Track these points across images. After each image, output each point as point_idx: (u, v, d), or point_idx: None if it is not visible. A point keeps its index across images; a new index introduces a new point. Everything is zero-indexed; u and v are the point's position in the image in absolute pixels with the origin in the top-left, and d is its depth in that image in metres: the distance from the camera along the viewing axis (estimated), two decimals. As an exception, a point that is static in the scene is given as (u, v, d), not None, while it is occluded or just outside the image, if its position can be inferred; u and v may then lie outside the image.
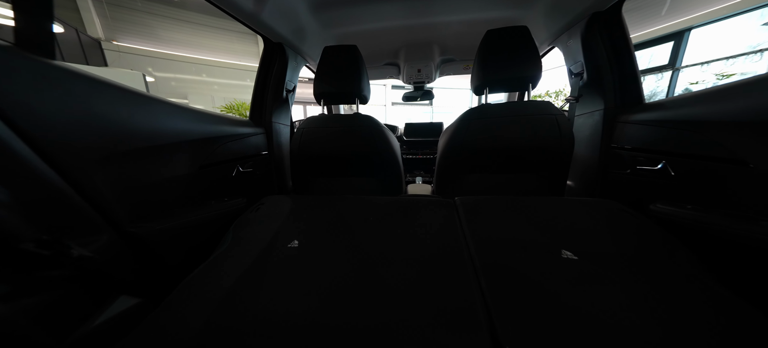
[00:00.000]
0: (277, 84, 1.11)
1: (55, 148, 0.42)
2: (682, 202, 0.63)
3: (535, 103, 0.86)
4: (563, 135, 0.79)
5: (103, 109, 0.49)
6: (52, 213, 0.42)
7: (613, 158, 0.87)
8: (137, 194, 0.56)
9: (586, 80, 0.98)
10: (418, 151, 1.95)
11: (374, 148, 0.93)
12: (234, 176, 0.86)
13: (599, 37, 0.91)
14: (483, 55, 0.86)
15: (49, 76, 0.43)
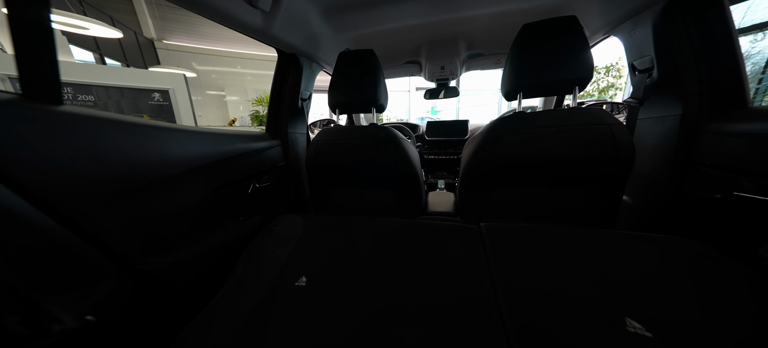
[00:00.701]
0: (292, 95, 1.10)
1: (59, 197, 0.42)
2: None
3: (584, 110, 0.70)
4: (620, 149, 0.64)
5: (111, 148, 0.48)
6: (57, 267, 0.42)
7: (696, 177, 0.69)
8: (149, 228, 0.55)
9: (657, 78, 0.78)
10: (441, 151, 1.83)
11: (391, 162, 0.87)
12: (250, 193, 0.86)
13: (682, 24, 0.70)
14: (518, 53, 0.72)
15: (55, 124, 0.42)
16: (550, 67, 0.69)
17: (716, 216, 0.64)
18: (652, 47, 0.78)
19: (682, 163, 0.72)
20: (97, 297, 0.46)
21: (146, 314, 0.55)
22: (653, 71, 0.79)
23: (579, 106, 0.75)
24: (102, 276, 0.47)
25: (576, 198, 0.75)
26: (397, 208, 0.97)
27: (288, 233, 0.69)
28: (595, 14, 0.91)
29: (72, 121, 0.44)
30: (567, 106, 0.78)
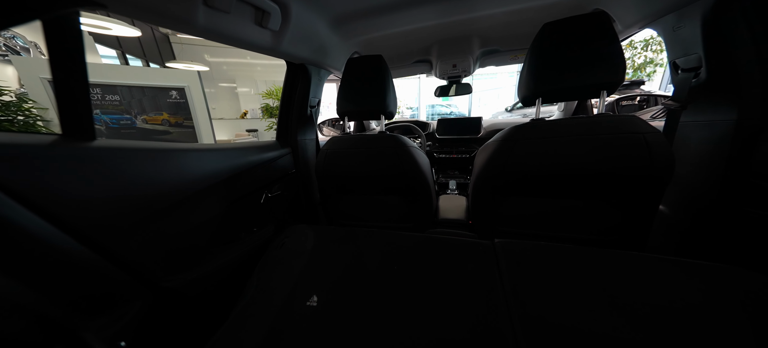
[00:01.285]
0: (302, 103, 1.10)
1: (94, 227, 0.45)
2: None
3: (612, 118, 0.64)
4: (655, 160, 0.58)
5: (136, 175, 0.52)
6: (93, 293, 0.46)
7: (755, 192, 0.62)
8: (171, 246, 0.58)
9: (705, 79, 0.70)
10: (453, 150, 1.78)
11: (401, 171, 0.86)
12: (262, 203, 0.88)
13: (742, 18, 0.61)
14: (537, 56, 0.66)
15: (91, 158, 0.46)
16: (574, 71, 0.63)
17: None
18: (700, 44, 0.68)
19: (735, 174, 0.64)
20: (128, 318, 0.50)
21: (171, 332, 0.59)
22: (701, 71, 0.70)
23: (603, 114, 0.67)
24: (133, 297, 0.52)
25: (601, 207, 0.70)
26: (408, 215, 0.97)
27: (299, 246, 0.72)
28: (629, 7, 0.81)
29: (104, 154, 0.48)
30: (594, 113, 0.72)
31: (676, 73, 0.79)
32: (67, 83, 0.46)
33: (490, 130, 1.72)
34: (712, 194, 0.68)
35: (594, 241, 0.74)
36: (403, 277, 0.56)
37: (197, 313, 0.65)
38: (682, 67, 0.75)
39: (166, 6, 0.51)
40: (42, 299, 0.40)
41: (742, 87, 0.62)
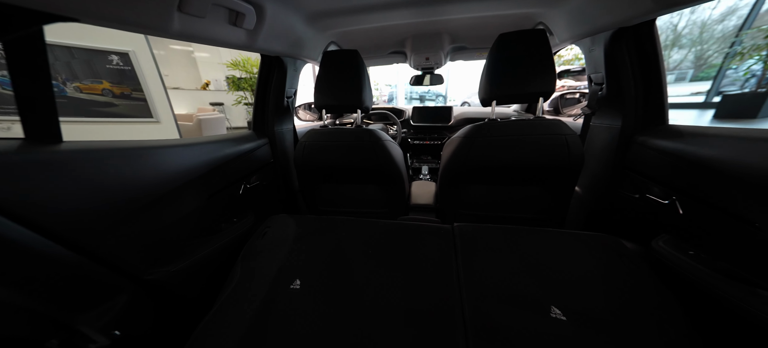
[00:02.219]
0: (278, 94, 1.10)
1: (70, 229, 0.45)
2: (684, 246, 0.62)
3: (545, 122, 0.81)
4: (572, 156, 0.78)
5: (111, 177, 0.52)
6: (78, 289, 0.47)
7: (625, 179, 0.84)
8: (151, 242, 0.59)
9: (606, 94, 0.90)
10: (426, 136, 1.91)
11: (377, 164, 0.95)
12: (241, 194, 0.91)
13: (625, 52, 0.80)
14: (493, 64, 0.79)
15: (59, 162, 0.45)
16: (519, 80, 0.77)
17: (635, 211, 0.81)
18: (603, 66, 0.88)
19: (619, 167, 0.87)
20: (116, 310, 0.54)
21: (158, 320, 0.63)
22: (604, 87, 0.91)
23: (540, 118, 0.84)
24: (117, 291, 0.55)
25: (538, 193, 0.90)
26: (383, 201, 1.08)
27: (281, 235, 0.78)
28: (562, 26, 0.98)
29: (73, 157, 0.48)
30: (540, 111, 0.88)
31: (590, 84, 0.98)
32: (27, 84, 0.44)
33: (459, 119, 1.88)
34: (606, 181, 0.91)
35: (532, 220, 0.94)
36: (378, 259, 0.67)
37: (183, 303, 0.69)
38: (594, 81, 0.95)
39: (141, 17, 0.49)
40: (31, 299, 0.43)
41: (625, 102, 0.83)
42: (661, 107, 0.79)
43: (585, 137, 1.04)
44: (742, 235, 0.51)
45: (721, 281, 0.51)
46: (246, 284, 0.62)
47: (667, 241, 0.64)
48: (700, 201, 0.59)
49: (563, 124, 0.81)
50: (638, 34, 0.78)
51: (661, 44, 0.77)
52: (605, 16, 0.78)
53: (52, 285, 0.45)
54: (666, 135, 0.73)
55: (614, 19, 0.76)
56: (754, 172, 0.48)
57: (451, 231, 0.77)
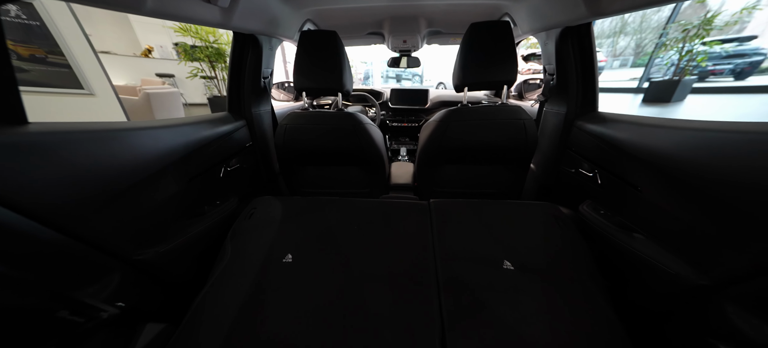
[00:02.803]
0: (254, 75, 1.05)
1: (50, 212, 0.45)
2: (598, 208, 0.81)
3: (508, 108, 0.94)
4: (528, 138, 0.92)
5: (86, 162, 0.51)
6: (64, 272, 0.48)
7: (567, 157, 1.02)
8: (136, 224, 0.60)
9: (555, 84, 1.05)
10: (404, 118, 1.98)
11: (358, 146, 1.00)
12: (222, 177, 0.91)
13: (570, 48, 0.94)
14: (465, 53, 0.87)
15: (26, 144, 0.44)
16: (487, 69, 0.87)
17: (572, 183, 0.99)
18: (554, 59, 1.02)
19: (562, 147, 1.04)
20: (113, 287, 0.56)
21: (153, 297, 0.66)
22: (554, 77, 1.05)
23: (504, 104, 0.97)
24: (107, 271, 0.56)
25: (501, 171, 1.05)
26: (365, 182, 1.14)
27: (267, 216, 0.82)
28: (524, 19, 1.10)
29: (43, 139, 0.46)
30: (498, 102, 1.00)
31: (544, 73, 1.13)
32: None
33: (435, 102, 1.97)
34: (553, 159, 1.09)
35: (495, 194, 1.10)
36: (363, 235, 0.75)
37: (175, 282, 0.71)
38: (548, 72, 1.10)
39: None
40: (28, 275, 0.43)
41: (569, 92, 0.99)
42: (594, 96, 0.96)
43: (539, 122, 1.21)
44: (631, 197, 0.70)
45: (616, 231, 0.71)
46: (238, 261, 0.67)
47: (589, 205, 0.84)
48: (610, 172, 0.78)
49: (522, 110, 0.94)
50: (580, 34, 0.92)
51: (595, 43, 0.92)
52: (556, 15, 0.90)
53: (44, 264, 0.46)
54: (594, 120, 0.90)
55: (562, 18, 0.88)
56: (639, 148, 0.65)
57: (428, 207, 0.89)
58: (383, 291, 0.60)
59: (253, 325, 0.52)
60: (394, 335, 0.52)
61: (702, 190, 0.52)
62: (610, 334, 0.52)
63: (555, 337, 0.51)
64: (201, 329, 0.53)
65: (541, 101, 1.21)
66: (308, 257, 0.68)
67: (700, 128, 0.56)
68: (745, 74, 5.88)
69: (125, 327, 0.57)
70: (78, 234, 0.50)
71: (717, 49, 5.90)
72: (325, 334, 0.51)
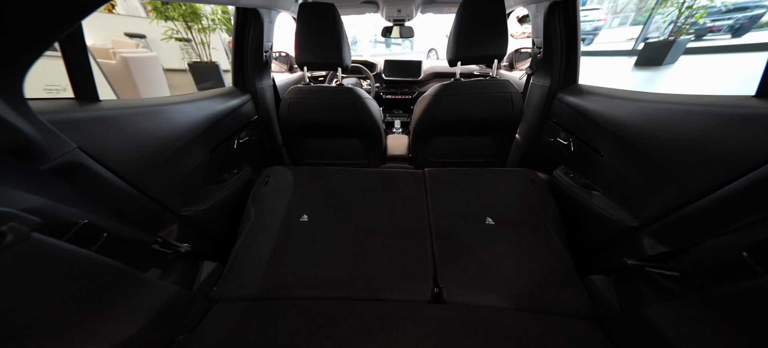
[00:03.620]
0: (256, 49, 1.06)
1: (123, 169, 0.57)
2: (569, 172, 0.95)
3: (497, 82, 1.01)
4: (514, 111, 1.01)
5: (141, 131, 0.62)
6: (145, 218, 0.63)
7: (547, 127, 1.13)
8: (178, 186, 0.73)
9: (542, 57, 1.11)
10: (398, 90, 2.00)
11: (358, 119, 1.07)
12: (235, 149, 1.00)
13: (557, 22, 0.99)
14: (458, 27, 0.91)
15: (102, 118, 0.54)
16: (479, 45, 0.92)
17: (550, 150, 1.11)
18: (541, 33, 1.07)
19: (544, 118, 1.13)
20: (175, 234, 0.71)
21: (204, 245, 0.81)
22: (541, 50, 1.11)
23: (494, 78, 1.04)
24: (168, 221, 0.70)
25: (489, 141, 1.16)
26: (363, 153, 1.24)
27: (281, 183, 0.94)
28: None
29: (112, 114, 0.57)
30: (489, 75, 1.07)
31: (533, 46, 1.19)
32: (73, 52, 0.53)
33: (429, 73, 1.98)
34: (536, 130, 1.20)
35: (483, 163, 1.22)
36: (366, 199, 0.88)
37: (212, 235, 0.87)
38: (536, 45, 1.15)
39: None
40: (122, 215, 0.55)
41: (553, 65, 1.06)
42: (575, 70, 1.03)
43: (526, 94, 1.29)
44: (595, 161, 0.83)
45: (580, 190, 0.85)
46: (262, 220, 0.81)
47: (561, 170, 0.98)
48: (581, 140, 0.90)
49: (510, 83, 1.01)
50: (567, 8, 0.96)
51: (580, 17, 0.97)
52: None
53: (131, 210, 0.59)
54: (573, 92, 0.99)
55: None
56: (605, 118, 0.77)
57: (423, 175, 1.01)
58: (386, 241, 0.76)
59: (282, 265, 0.68)
60: (395, 271, 0.67)
61: (641, 152, 0.65)
62: (561, 265, 0.70)
63: (520, 268, 0.68)
64: (243, 267, 0.68)
65: (529, 74, 1.28)
66: (321, 217, 0.83)
67: (649, 100, 0.67)
68: (743, 30, 5.75)
69: (192, 263, 0.73)
70: (142, 189, 0.62)
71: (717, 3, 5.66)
72: (339, 271, 0.67)
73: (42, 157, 0.43)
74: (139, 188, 0.61)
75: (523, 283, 0.66)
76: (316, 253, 0.72)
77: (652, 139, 0.62)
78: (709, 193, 0.50)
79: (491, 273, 0.68)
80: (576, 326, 0.57)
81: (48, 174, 0.44)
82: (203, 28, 3.80)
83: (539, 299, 0.64)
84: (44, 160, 0.43)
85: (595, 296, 0.66)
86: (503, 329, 0.56)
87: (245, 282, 0.66)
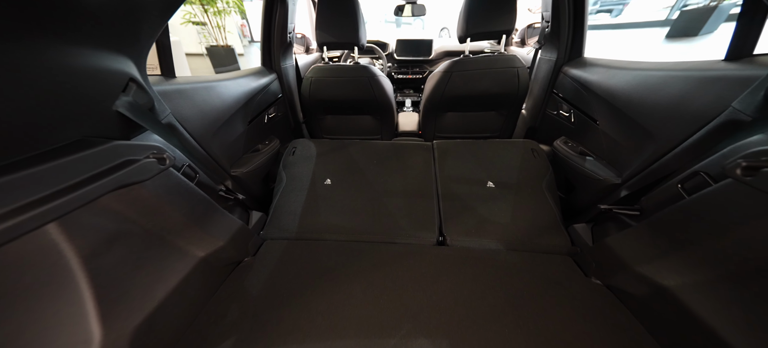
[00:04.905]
0: (282, 30, 1.16)
1: (194, 133, 0.71)
2: (568, 142, 1.01)
3: (504, 57, 1.07)
4: (520, 85, 1.07)
5: (203, 103, 0.75)
6: (210, 173, 0.77)
7: (552, 100, 1.17)
8: (228, 151, 0.88)
9: (550, 32, 1.12)
10: (409, 70, 2.05)
11: (372, 96, 1.17)
12: (266, 123, 1.14)
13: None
14: (467, 5, 0.97)
15: (178, 91, 0.68)
16: (488, 20, 0.97)
17: (553, 122, 1.16)
18: (550, 7, 1.08)
19: (549, 91, 1.16)
20: (230, 186, 0.87)
21: (251, 199, 0.98)
22: (549, 24, 1.12)
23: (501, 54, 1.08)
24: (224, 178, 0.86)
25: (495, 116, 1.23)
26: (377, 129, 1.34)
27: (306, 153, 1.09)
28: None
29: (184, 88, 0.71)
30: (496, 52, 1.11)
31: (542, 20, 1.21)
32: (162, 40, 0.68)
33: (439, 53, 2.00)
34: (541, 102, 1.24)
35: (488, 138, 1.28)
36: (381, 166, 1.02)
37: (253, 195, 1.02)
38: (544, 19, 1.16)
39: None
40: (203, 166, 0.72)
41: (560, 39, 1.08)
42: (581, 43, 1.06)
43: (532, 69, 1.32)
44: (591, 130, 0.90)
45: (576, 157, 0.92)
46: (293, 183, 0.97)
47: (561, 140, 1.04)
48: (580, 110, 0.96)
49: (517, 59, 1.06)
50: None
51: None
52: None
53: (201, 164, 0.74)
54: (578, 65, 1.02)
55: None
56: (602, 88, 0.83)
57: (432, 146, 1.12)
58: (398, 201, 0.90)
59: (312, 216, 0.85)
60: (407, 223, 0.83)
61: (630, 117, 0.71)
62: (550, 218, 0.81)
63: (513, 221, 0.81)
64: (282, 217, 0.86)
65: (536, 49, 1.30)
66: (342, 181, 0.98)
67: (641, 68, 0.72)
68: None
69: (245, 211, 0.90)
70: (206, 150, 0.77)
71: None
72: (360, 221, 0.83)
73: (158, 116, 0.58)
74: (205, 148, 0.76)
75: (515, 231, 0.79)
76: (339, 208, 0.88)
77: (639, 104, 0.69)
78: (674, 149, 0.58)
79: (489, 225, 0.81)
80: (554, 259, 0.70)
81: (166, 126, 0.60)
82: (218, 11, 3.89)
83: (527, 243, 0.76)
84: (160, 118, 0.59)
85: (576, 240, 0.77)
86: (495, 263, 0.69)
87: (285, 228, 0.84)
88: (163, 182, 0.50)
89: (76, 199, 0.37)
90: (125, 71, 0.47)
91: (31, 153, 0.36)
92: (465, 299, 0.60)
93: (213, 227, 0.64)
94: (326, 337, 0.53)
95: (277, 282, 0.67)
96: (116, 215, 0.46)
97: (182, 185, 0.55)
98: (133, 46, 0.48)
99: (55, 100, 0.37)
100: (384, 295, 0.62)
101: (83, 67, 0.40)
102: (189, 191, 0.57)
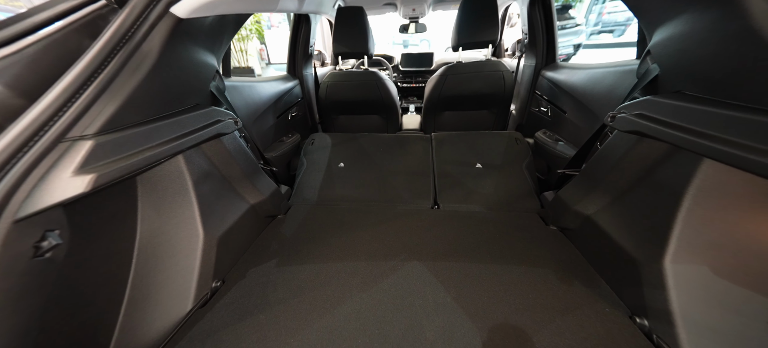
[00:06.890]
0: (305, 44, 1.44)
1: (243, 120, 0.90)
2: (547, 131, 1.20)
3: (491, 62, 1.29)
4: (506, 87, 1.28)
5: (247, 98, 0.98)
6: (256, 151, 0.98)
7: (534, 99, 1.38)
8: (262, 138, 1.10)
9: (528, 42, 1.37)
10: (412, 80, 2.32)
11: (379, 97, 1.40)
12: (290, 120, 1.39)
13: (537, 13, 1.26)
14: (460, 17, 1.20)
15: (232, 87, 0.90)
16: (475, 32, 1.19)
17: (535, 118, 1.36)
18: (526, 22, 1.32)
19: (532, 92, 1.37)
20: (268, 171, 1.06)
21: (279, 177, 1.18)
22: (527, 36, 1.36)
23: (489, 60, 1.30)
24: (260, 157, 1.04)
25: (487, 115, 1.44)
26: (383, 127, 1.57)
27: (323, 144, 1.31)
28: None
29: (235, 85, 0.95)
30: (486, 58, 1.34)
31: (522, 33, 1.44)
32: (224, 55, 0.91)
33: (439, 64, 2.27)
34: (526, 102, 1.45)
35: None
36: (386, 153, 1.22)
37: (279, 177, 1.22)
38: (524, 32, 1.41)
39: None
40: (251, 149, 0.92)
41: (537, 47, 1.31)
42: (554, 51, 1.28)
43: (517, 74, 1.54)
44: (562, 119, 1.08)
45: (551, 143, 1.10)
46: (313, 166, 1.18)
47: (542, 132, 1.23)
48: (554, 105, 1.15)
49: (502, 64, 1.28)
50: (544, 1, 1.22)
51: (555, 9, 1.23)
52: None
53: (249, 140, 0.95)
54: (552, 68, 1.24)
55: None
56: (568, 85, 1.02)
57: (430, 138, 1.32)
58: (402, 178, 1.10)
59: (330, 189, 1.06)
60: (407, 194, 1.02)
61: (585, 105, 0.90)
62: (526, 190, 0.99)
63: (495, 191, 0.99)
64: (305, 189, 1.06)
65: (519, 56, 1.52)
66: (354, 164, 1.19)
67: (592, 67, 0.92)
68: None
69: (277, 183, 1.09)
70: (249, 136, 0.97)
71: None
72: (368, 192, 1.03)
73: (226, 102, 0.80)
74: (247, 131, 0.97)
75: (496, 198, 0.97)
76: (352, 183, 1.09)
77: (589, 94, 0.88)
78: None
79: (475, 194, 0.99)
80: (523, 216, 0.88)
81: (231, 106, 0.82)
82: (242, 37, 4.39)
83: (505, 206, 0.94)
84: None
85: (544, 204, 0.93)
86: (477, 218, 0.87)
87: (307, 197, 1.05)
88: (233, 141, 0.72)
89: (193, 140, 0.58)
90: (214, 65, 0.70)
91: (175, 110, 0.58)
92: (451, 240, 0.78)
93: (259, 184, 0.85)
94: (345, 260, 0.71)
95: (305, 229, 0.87)
96: (208, 160, 0.67)
97: (242, 147, 0.78)
98: (219, 49, 0.72)
99: (185, 80, 0.60)
100: (387, 237, 0.80)
101: (196, 61, 0.63)
102: (246, 152, 0.80)
